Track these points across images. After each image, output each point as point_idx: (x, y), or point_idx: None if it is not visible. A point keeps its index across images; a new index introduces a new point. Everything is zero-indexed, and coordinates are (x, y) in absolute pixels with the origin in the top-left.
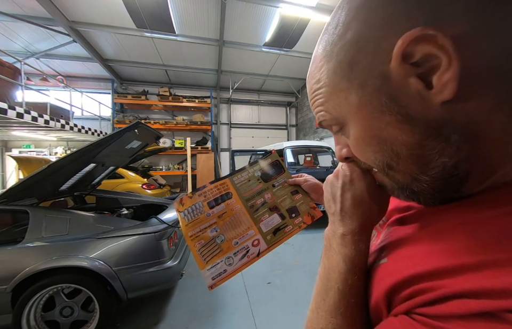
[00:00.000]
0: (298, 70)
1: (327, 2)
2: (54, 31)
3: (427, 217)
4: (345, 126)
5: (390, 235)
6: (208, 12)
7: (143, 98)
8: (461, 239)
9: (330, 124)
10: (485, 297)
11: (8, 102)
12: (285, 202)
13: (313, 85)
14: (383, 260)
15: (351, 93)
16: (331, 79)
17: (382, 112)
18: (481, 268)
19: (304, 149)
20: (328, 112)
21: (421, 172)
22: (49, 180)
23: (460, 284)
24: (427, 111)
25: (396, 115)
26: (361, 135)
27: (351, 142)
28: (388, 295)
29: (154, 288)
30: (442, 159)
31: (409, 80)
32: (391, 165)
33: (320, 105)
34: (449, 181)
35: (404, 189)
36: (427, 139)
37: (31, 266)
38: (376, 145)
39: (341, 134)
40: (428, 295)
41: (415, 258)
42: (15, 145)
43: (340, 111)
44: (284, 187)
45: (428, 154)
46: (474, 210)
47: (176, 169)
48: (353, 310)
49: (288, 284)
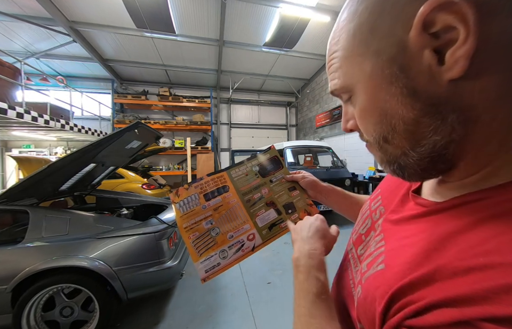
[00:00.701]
0: (298, 70)
1: (327, 2)
2: (54, 31)
3: (426, 221)
4: (354, 95)
5: (388, 237)
6: (208, 12)
7: (143, 98)
8: (449, 247)
9: (341, 92)
10: (459, 305)
11: (8, 102)
12: (281, 198)
13: (332, 46)
14: (381, 267)
15: (365, 60)
16: (349, 42)
17: (390, 83)
18: (455, 275)
19: (304, 149)
20: (341, 78)
21: (411, 148)
22: (49, 180)
23: (437, 293)
24: (432, 87)
25: (401, 88)
26: (367, 105)
27: (357, 113)
28: (386, 306)
29: (154, 288)
30: (435, 137)
31: (424, 53)
32: (386, 138)
33: (334, 71)
34: (435, 161)
35: (392, 163)
36: (425, 116)
37: (31, 266)
38: (377, 116)
39: (350, 103)
40: (412, 307)
41: (408, 265)
42: (15, 145)
43: (352, 78)
44: (281, 183)
45: (421, 131)
46: (468, 214)
47: (176, 169)
48: (327, 301)
49: (288, 284)
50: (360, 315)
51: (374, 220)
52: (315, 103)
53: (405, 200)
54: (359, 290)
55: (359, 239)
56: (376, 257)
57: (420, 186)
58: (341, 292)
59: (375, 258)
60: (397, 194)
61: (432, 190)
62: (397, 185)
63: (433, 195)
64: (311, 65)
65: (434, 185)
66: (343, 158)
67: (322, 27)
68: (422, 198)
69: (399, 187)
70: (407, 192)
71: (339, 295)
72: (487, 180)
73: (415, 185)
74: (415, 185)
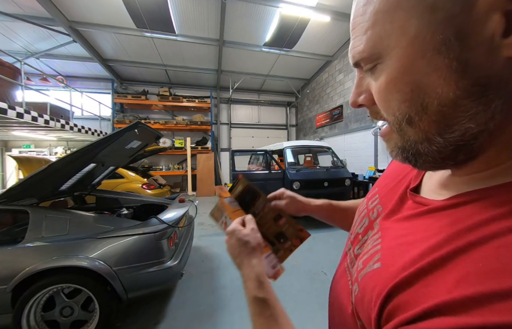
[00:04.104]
0: (298, 70)
1: (327, 2)
2: (54, 31)
3: (425, 220)
4: (381, 64)
5: (385, 236)
6: (208, 12)
7: (143, 97)
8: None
9: (365, 57)
10: (453, 312)
11: (8, 102)
12: (270, 229)
13: (362, 7)
14: (377, 265)
15: (411, 18)
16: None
17: (438, 52)
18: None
19: (304, 149)
20: (371, 41)
21: (438, 134)
22: (49, 180)
23: (429, 298)
24: (488, 63)
25: (451, 60)
26: (398, 77)
27: (381, 85)
28: (380, 308)
29: (154, 288)
30: (469, 124)
31: (493, 17)
32: (411, 119)
33: (362, 33)
34: (459, 150)
35: (407, 150)
36: (466, 98)
37: (31, 266)
38: (408, 92)
39: (371, 74)
40: (406, 315)
41: (403, 265)
42: (15, 145)
43: (385, 41)
44: (265, 213)
45: (456, 116)
46: (465, 215)
47: (176, 169)
48: (275, 316)
49: (288, 284)
50: (359, 312)
51: (372, 219)
52: (315, 103)
53: (404, 199)
54: (355, 288)
55: (356, 238)
56: (372, 255)
57: (419, 183)
58: (340, 292)
59: (371, 256)
60: (395, 192)
61: (434, 187)
62: (395, 184)
63: (435, 192)
64: (311, 65)
65: (436, 181)
66: (343, 158)
67: (322, 27)
68: (420, 197)
69: (397, 185)
70: (405, 190)
71: (338, 294)
72: (494, 178)
73: (414, 183)
74: (414, 183)
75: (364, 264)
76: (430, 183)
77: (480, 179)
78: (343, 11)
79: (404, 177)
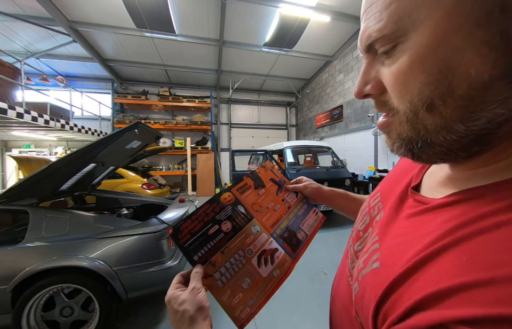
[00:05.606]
0: (298, 70)
1: (327, 2)
2: (54, 31)
3: (424, 219)
4: (403, 43)
5: (384, 235)
6: (208, 12)
7: (143, 97)
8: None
9: (386, 34)
10: (431, 305)
11: (8, 102)
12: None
13: None
14: (376, 265)
15: None
16: None
17: (478, 25)
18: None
19: (304, 149)
20: (394, 15)
21: (461, 121)
22: (49, 180)
23: (416, 292)
24: None
25: (493, 34)
26: (426, 54)
27: (398, 68)
28: (376, 307)
29: (155, 288)
30: (498, 110)
31: None
32: (433, 105)
33: (384, 8)
34: (477, 141)
35: (413, 141)
36: (502, 80)
37: (31, 266)
38: (435, 73)
39: (386, 57)
40: (396, 313)
41: (399, 264)
42: (15, 145)
43: (413, 14)
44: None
45: (486, 100)
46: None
47: (176, 169)
48: None
49: (288, 284)
50: (358, 311)
51: (372, 217)
52: (315, 103)
53: (404, 197)
54: (356, 286)
55: (357, 235)
56: (371, 253)
57: (420, 182)
58: (341, 290)
59: (370, 255)
60: (395, 191)
61: (434, 185)
62: (396, 183)
63: (435, 190)
64: (311, 65)
65: (436, 179)
66: (343, 158)
67: (322, 27)
68: (420, 196)
69: (398, 184)
70: (406, 188)
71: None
72: (495, 174)
73: (415, 182)
74: (415, 182)
75: (365, 263)
76: (430, 181)
77: (481, 175)
78: (343, 11)
79: (406, 176)
